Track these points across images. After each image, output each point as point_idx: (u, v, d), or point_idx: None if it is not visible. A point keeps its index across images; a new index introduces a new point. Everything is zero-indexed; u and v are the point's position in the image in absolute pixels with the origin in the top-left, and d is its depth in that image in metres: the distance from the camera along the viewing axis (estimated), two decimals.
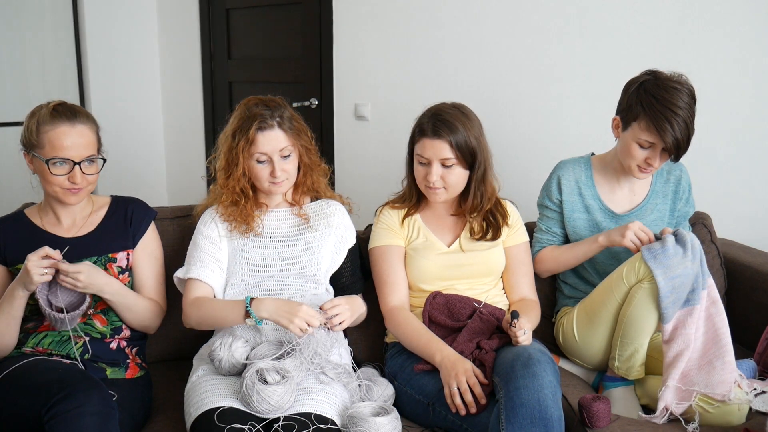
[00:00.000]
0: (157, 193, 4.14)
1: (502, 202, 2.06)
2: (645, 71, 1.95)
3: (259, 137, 1.84)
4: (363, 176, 3.27)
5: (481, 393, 1.69)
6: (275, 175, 1.86)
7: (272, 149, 1.86)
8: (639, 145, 1.92)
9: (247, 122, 1.85)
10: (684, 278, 1.75)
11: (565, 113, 2.68)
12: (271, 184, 1.89)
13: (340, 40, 3.27)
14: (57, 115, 1.76)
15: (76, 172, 1.76)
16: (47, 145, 1.74)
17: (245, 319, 1.74)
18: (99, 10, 3.78)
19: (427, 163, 1.91)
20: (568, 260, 2.06)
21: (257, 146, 1.84)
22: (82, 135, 1.77)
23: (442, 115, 1.90)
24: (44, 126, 1.75)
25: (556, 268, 2.10)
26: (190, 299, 1.87)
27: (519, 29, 2.74)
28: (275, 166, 1.86)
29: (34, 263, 1.66)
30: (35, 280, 1.66)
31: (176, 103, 4.08)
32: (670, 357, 1.79)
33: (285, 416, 1.59)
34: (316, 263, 1.93)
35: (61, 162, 1.75)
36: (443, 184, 1.92)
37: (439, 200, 1.96)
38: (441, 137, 1.88)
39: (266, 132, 1.85)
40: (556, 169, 2.13)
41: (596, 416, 1.70)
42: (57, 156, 1.74)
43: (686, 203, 2.12)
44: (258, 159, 1.86)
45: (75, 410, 1.46)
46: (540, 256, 2.12)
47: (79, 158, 1.76)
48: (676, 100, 1.84)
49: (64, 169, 1.76)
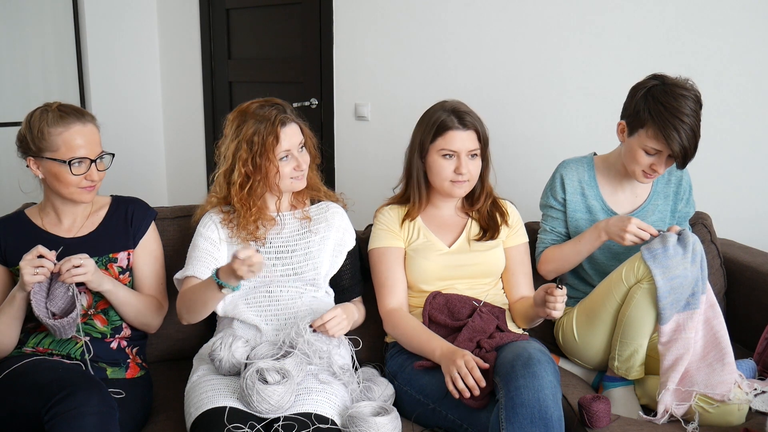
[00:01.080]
0: (157, 193, 4.14)
1: (499, 201, 2.07)
2: (651, 75, 1.93)
3: (282, 134, 1.85)
4: (363, 176, 3.27)
5: (480, 377, 1.69)
6: (301, 168, 1.88)
7: (293, 144, 1.87)
8: (645, 152, 1.91)
9: (266, 123, 1.83)
10: (683, 279, 1.75)
11: (566, 114, 2.68)
12: (294, 180, 1.90)
13: (340, 40, 3.27)
14: (66, 115, 1.76)
15: (93, 169, 1.79)
16: (63, 147, 1.75)
17: (222, 291, 1.68)
18: (99, 10, 3.78)
19: (454, 155, 1.92)
20: (571, 257, 2.04)
21: (282, 144, 1.85)
22: (93, 133, 1.80)
23: (460, 107, 1.95)
24: (56, 128, 1.75)
25: (561, 267, 2.08)
26: (179, 294, 1.86)
27: (519, 29, 2.74)
28: (299, 160, 1.88)
29: (26, 262, 1.66)
30: (26, 280, 1.65)
31: (176, 103, 4.08)
32: (670, 360, 1.79)
33: (285, 416, 1.59)
34: (315, 267, 1.93)
35: (79, 161, 1.76)
36: (469, 176, 1.94)
37: (463, 194, 1.98)
38: (469, 128, 1.93)
39: (287, 127, 1.86)
40: (559, 168, 2.12)
41: (596, 416, 1.70)
42: (75, 156, 1.75)
43: (687, 204, 2.12)
44: (281, 157, 1.86)
45: (75, 410, 1.46)
46: (544, 256, 2.10)
47: (94, 155, 1.79)
48: (683, 108, 1.83)
49: (83, 168, 1.77)
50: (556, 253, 2.07)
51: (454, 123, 1.92)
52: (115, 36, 3.87)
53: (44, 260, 1.66)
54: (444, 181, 1.96)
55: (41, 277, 1.66)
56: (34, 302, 1.67)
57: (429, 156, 1.96)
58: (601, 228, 1.96)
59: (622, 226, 1.88)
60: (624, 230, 1.87)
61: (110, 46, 3.85)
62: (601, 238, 1.96)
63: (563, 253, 2.05)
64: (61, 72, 3.81)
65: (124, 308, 1.84)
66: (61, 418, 1.46)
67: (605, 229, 1.94)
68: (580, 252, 2.02)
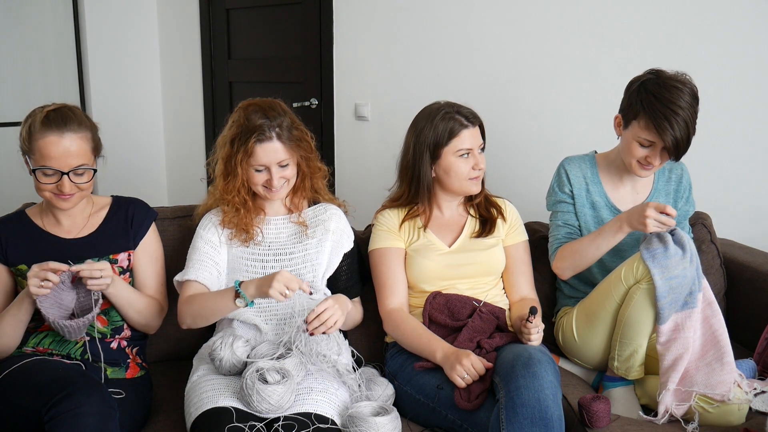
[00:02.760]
0: (157, 193, 4.14)
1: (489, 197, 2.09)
2: (648, 70, 1.94)
3: (258, 150, 1.83)
4: (363, 176, 3.27)
5: (482, 369, 1.72)
6: (272, 184, 1.87)
7: (270, 161, 1.85)
8: (639, 144, 1.92)
9: (246, 134, 1.83)
10: (682, 279, 1.75)
11: (566, 114, 2.68)
12: (267, 191, 1.89)
13: (340, 40, 3.27)
14: (48, 123, 1.73)
15: (65, 181, 1.74)
16: (36, 153, 1.72)
17: (235, 301, 1.72)
18: (99, 10, 3.79)
19: (469, 153, 1.95)
20: (590, 252, 1.95)
21: (256, 158, 1.84)
22: (72, 145, 1.73)
23: (460, 107, 1.97)
24: (35, 134, 1.72)
25: (578, 263, 1.98)
26: (183, 299, 1.86)
27: (519, 29, 2.74)
28: (273, 175, 1.86)
29: (33, 273, 1.65)
30: (31, 291, 1.65)
31: (176, 103, 4.09)
32: (669, 360, 1.79)
33: (285, 416, 1.59)
34: (314, 270, 1.93)
35: (46, 172, 1.73)
36: (483, 170, 1.99)
37: (479, 189, 2.01)
38: (475, 123, 1.97)
39: (265, 144, 1.83)
40: (562, 164, 2.11)
41: (596, 416, 1.70)
42: (45, 165, 1.72)
43: (686, 202, 2.12)
44: (256, 168, 1.86)
45: (75, 410, 1.46)
46: (560, 253, 2.03)
47: (67, 168, 1.73)
48: (676, 100, 1.83)
49: (52, 178, 1.74)
50: (574, 248, 1.99)
51: (464, 122, 1.94)
52: (115, 36, 3.87)
53: (49, 274, 1.64)
54: (463, 181, 1.97)
55: (45, 291, 1.65)
56: (43, 309, 1.66)
57: (443, 160, 1.95)
58: (623, 219, 1.89)
59: (641, 212, 1.82)
60: (644, 215, 1.80)
61: (110, 46, 3.86)
62: (623, 229, 1.89)
63: (581, 248, 1.97)
64: (61, 72, 3.81)
65: (127, 309, 1.84)
66: (61, 418, 1.46)
67: (627, 220, 1.88)
68: (599, 246, 1.94)
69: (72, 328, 1.68)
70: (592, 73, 2.60)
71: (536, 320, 1.77)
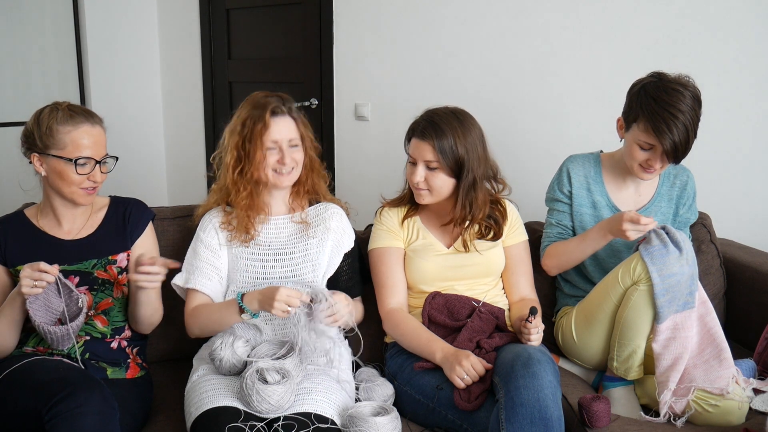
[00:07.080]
0: (157, 193, 4.14)
1: (502, 202, 2.04)
2: (651, 73, 1.93)
3: (272, 123, 1.85)
4: (363, 176, 3.27)
5: (482, 370, 1.72)
6: (284, 162, 1.87)
7: (283, 137, 1.87)
8: (639, 147, 1.91)
9: (259, 109, 1.86)
10: (680, 277, 1.75)
11: (567, 114, 2.68)
12: (277, 175, 1.89)
13: (340, 40, 3.27)
14: (76, 115, 1.77)
15: (97, 171, 1.79)
16: (70, 145, 1.75)
17: (241, 315, 1.77)
18: (99, 10, 3.79)
19: (415, 162, 1.92)
20: (575, 254, 2.01)
21: (269, 134, 1.85)
22: (100, 134, 1.81)
23: (434, 117, 1.90)
24: (65, 126, 1.75)
25: (564, 263, 2.06)
26: (189, 310, 1.89)
27: (520, 29, 2.74)
28: (284, 153, 1.87)
29: (26, 273, 1.65)
30: (23, 291, 1.64)
31: (176, 103, 4.09)
32: (669, 360, 1.79)
33: (285, 416, 1.59)
34: (314, 270, 1.93)
35: (84, 161, 1.77)
36: (427, 186, 1.92)
37: (423, 201, 1.95)
38: (425, 139, 1.88)
39: (278, 118, 1.86)
40: (565, 162, 2.11)
41: (596, 416, 1.70)
42: (81, 155, 1.76)
43: (689, 209, 2.12)
44: (268, 146, 1.86)
45: (76, 410, 1.46)
46: (548, 251, 2.08)
47: (100, 157, 1.79)
48: (676, 103, 1.83)
49: (86, 168, 1.77)
50: (561, 248, 2.05)
51: (416, 131, 1.92)
52: (115, 36, 3.87)
53: (44, 274, 1.65)
54: (411, 185, 1.96)
55: (38, 290, 1.65)
56: (31, 311, 1.67)
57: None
58: (605, 227, 1.93)
59: (618, 224, 1.85)
60: (621, 229, 1.83)
61: (110, 46, 3.86)
62: (606, 237, 1.94)
63: (568, 249, 2.03)
64: (61, 72, 3.81)
65: (144, 308, 1.83)
66: (61, 418, 1.46)
67: (608, 228, 1.92)
68: (584, 251, 2.00)
69: (56, 335, 1.68)
70: (593, 74, 2.60)
71: (536, 320, 1.77)
